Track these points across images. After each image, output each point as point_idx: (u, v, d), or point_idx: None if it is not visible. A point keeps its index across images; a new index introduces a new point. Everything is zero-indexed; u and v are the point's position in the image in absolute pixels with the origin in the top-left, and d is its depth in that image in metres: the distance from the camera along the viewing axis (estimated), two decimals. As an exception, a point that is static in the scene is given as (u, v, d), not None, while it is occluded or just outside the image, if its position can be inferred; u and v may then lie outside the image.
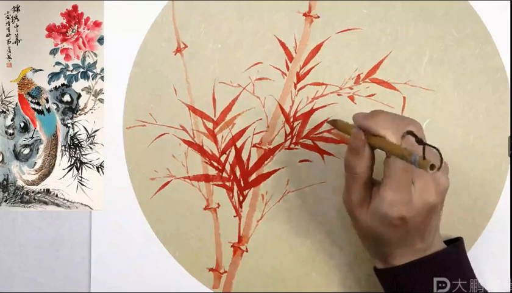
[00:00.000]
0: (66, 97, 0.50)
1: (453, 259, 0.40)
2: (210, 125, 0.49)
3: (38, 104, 0.50)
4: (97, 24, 0.50)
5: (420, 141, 0.35)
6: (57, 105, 0.50)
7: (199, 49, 0.49)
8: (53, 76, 0.50)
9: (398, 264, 0.40)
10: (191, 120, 0.50)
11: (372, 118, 0.38)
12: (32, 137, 0.51)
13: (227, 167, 0.49)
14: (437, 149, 0.33)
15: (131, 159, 0.50)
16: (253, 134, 0.49)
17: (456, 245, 0.42)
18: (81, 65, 0.50)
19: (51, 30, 0.50)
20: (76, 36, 0.50)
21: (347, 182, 0.41)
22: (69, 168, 0.50)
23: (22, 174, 0.51)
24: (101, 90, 0.50)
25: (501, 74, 0.48)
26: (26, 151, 0.51)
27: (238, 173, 0.49)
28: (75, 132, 0.50)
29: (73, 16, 0.50)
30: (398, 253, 0.40)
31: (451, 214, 0.48)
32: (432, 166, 0.31)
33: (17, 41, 0.50)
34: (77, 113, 0.50)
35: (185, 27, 0.49)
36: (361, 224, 0.40)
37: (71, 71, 0.50)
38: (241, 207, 0.49)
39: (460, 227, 0.48)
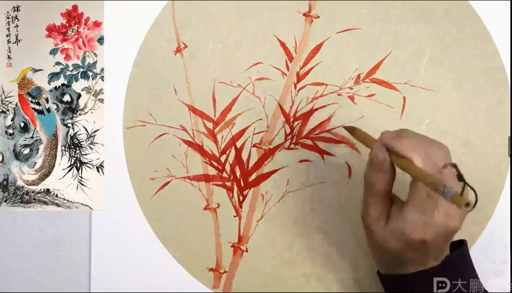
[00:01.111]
0: (66, 97, 0.50)
1: (460, 264, 0.40)
2: (210, 125, 0.49)
3: (38, 104, 0.50)
4: (97, 24, 0.50)
5: (460, 178, 0.35)
6: (57, 105, 0.50)
7: (199, 49, 0.49)
8: (53, 76, 0.50)
9: (407, 272, 0.40)
10: (191, 120, 0.50)
11: (399, 138, 0.38)
12: (32, 137, 0.51)
13: (227, 167, 0.49)
14: (473, 190, 0.33)
15: (131, 159, 0.50)
16: (253, 134, 0.49)
17: (461, 250, 0.42)
18: (81, 65, 0.50)
19: (51, 30, 0.50)
20: (76, 36, 0.50)
21: (366, 196, 0.40)
22: (69, 168, 0.50)
23: (22, 174, 0.51)
24: (101, 90, 0.50)
25: (501, 74, 0.48)
26: (26, 151, 0.51)
27: (238, 173, 0.49)
28: (75, 132, 0.50)
29: (73, 16, 0.50)
30: (409, 267, 0.39)
31: (451, 214, 0.48)
32: (467, 205, 0.30)
33: (17, 41, 0.50)
34: (77, 113, 0.50)
35: (185, 27, 0.49)
36: (376, 239, 0.40)
37: (71, 71, 0.50)
38: (241, 207, 0.49)
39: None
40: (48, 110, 0.50)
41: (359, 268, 0.49)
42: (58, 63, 0.50)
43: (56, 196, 0.50)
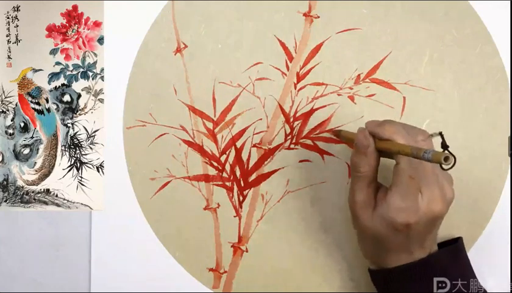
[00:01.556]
0: (66, 97, 0.50)
1: (445, 261, 0.41)
2: (210, 125, 0.49)
3: (38, 104, 0.50)
4: (97, 24, 0.50)
5: (444, 145, 0.36)
6: (57, 105, 0.50)
7: (199, 49, 0.49)
8: (53, 76, 0.50)
9: (392, 266, 0.40)
10: (191, 120, 0.50)
11: (382, 125, 0.39)
12: (32, 137, 0.51)
13: (227, 167, 0.49)
14: (454, 157, 0.33)
15: (131, 159, 0.50)
16: (253, 134, 0.49)
17: (449, 248, 0.42)
18: (81, 65, 0.50)
19: (51, 30, 0.50)
20: (76, 36, 0.50)
21: (352, 182, 0.42)
22: (69, 168, 0.50)
23: (22, 174, 0.51)
24: (101, 90, 0.50)
25: (501, 74, 0.48)
26: (26, 151, 0.51)
27: (238, 173, 0.49)
28: (75, 132, 0.50)
29: (73, 16, 0.50)
30: (394, 256, 0.40)
31: (451, 214, 0.48)
32: (446, 158, 0.31)
33: (17, 41, 0.50)
34: (77, 113, 0.50)
35: (185, 27, 0.49)
36: (362, 224, 0.41)
37: (71, 71, 0.50)
38: (241, 207, 0.49)
39: (460, 227, 0.48)
40: (48, 110, 0.50)
41: (359, 268, 0.48)
42: (58, 63, 0.50)
43: (56, 196, 0.50)
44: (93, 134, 0.50)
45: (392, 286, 0.41)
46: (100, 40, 0.50)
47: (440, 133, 0.38)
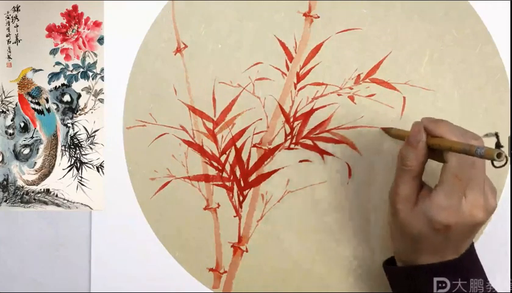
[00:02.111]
0: (66, 97, 0.50)
1: (468, 264, 0.41)
2: (210, 125, 0.49)
3: (38, 104, 0.50)
4: (97, 24, 0.50)
5: (499, 145, 0.38)
6: (57, 105, 0.50)
7: (199, 49, 0.49)
8: (53, 76, 0.50)
9: (422, 263, 0.40)
10: (191, 120, 0.50)
11: (437, 122, 0.40)
12: (32, 137, 0.51)
13: (227, 167, 0.49)
14: (507, 156, 0.34)
15: (131, 159, 0.50)
16: (253, 134, 0.49)
17: (470, 251, 0.42)
18: (81, 65, 0.50)
19: (51, 30, 0.50)
20: (76, 36, 0.50)
21: (397, 175, 0.41)
22: (69, 168, 0.50)
23: (22, 174, 0.51)
24: (101, 90, 0.50)
25: (501, 74, 0.48)
26: (26, 151, 0.51)
27: (238, 173, 0.49)
28: (75, 132, 0.50)
29: (73, 16, 0.50)
30: (426, 255, 0.40)
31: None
32: (499, 155, 0.31)
33: (17, 41, 0.50)
34: (77, 113, 0.50)
35: (185, 27, 0.49)
36: (401, 218, 0.40)
37: (71, 71, 0.50)
38: (241, 207, 0.49)
39: (460, 227, 0.48)
40: (48, 110, 0.50)
41: (359, 268, 0.49)
42: (58, 63, 0.50)
43: (56, 196, 0.50)
44: (93, 134, 0.50)
45: (416, 284, 0.40)
46: (100, 40, 0.50)
47: (496, 134, 0.38)
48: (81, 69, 0.50)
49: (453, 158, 0.38)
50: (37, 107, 0.50)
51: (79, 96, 0.50)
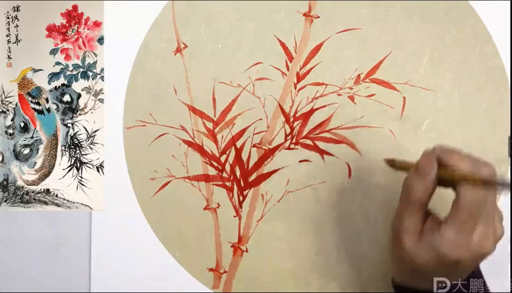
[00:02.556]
0: (66, 97, 0.50)
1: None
2: (210, 125, 0.49)
3: (38, 104, 0.50)
4: (97, 24, 0.50)
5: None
6: (57, 105, 0.50)
7: (199, 49, 0.49)
8: (53, 76, 0.50)
9: (425, 288, 0.39)
10: (191, 120, 0.50)
11: (450, 152, 0.38)
12: (32, 137, 0.51)
13: (227, 167, 0.49)
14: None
15: (131, 159, 0.50)
16: (253, 134, 0.49)
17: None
18: (81, 65, 0.50)
19: (51, 30, 0.50)
20: (76, 36, 0.50)
21: (402, 206, 0.39)
22: (69, 168, 0.50)
23: (22, 174, 0.51)
24: (101, 90, 0.50)
25: (501, 74, 0.48)
26: (26, 151, 0.51)
27: (238, 173, 0.49)
28: (75, 132, 0.50)
29: (73, 16, 0.50)
30: (431, 281, 0.39)
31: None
32: None
33: (17, 41, 0.50)
34: (77, 113, 0.50)
35: (185, 27, 0.49)
36: (406, 250, 0.39)
37: (71, 71, 0.50)
38: (241, 207, 0.49)
39: (460, 227, 0.48)
40: (48, 110, 0.50)
41: (359, 269, 0.49)
42: (58, 63, 0.50)
43: (56, 196, 0.50)
44: (93, 134, 0.50)
45: None
46: (100, 40, 0.50)
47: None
48: (81, 69, 0.50)
49: (467, 193, 0.36)
50: (37, 107, 0.50)
51: (79, 96, 0.50)
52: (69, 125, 0.50)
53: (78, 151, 0.50)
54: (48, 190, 0.50)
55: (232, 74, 0.49)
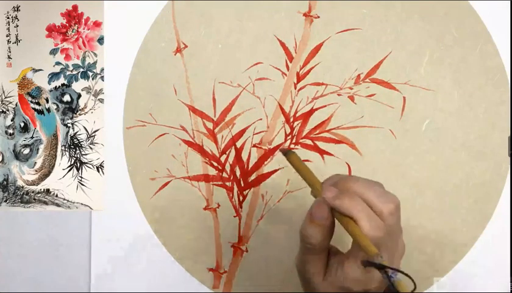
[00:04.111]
0: (66, 97, 0.50)
1: None
2: (210, 125, 0.49)
3: (38, 104, 0.50)
4: (97, 24, 0.50)
5: (382, 267, 0.32)
6: (57, 105, 0.50)
7: (199, 49, 0.49)
8: (53, 76, 0.50)
9: None
10: (191, 120, 0.50)
11: (342, 198, 0.36)
12: (32, 137, 0.51)
13: (227, 167, 0.49)
14: (408, 276, 0.32)
15: (131, 159, 0.50)
16: (253, 134, 0.49)
17: None
18: (81, 65, 0.50)
19: (51, 30, 0.50)
20: (76, 36, 0.50)
21: (303, 251, 0.38)
22: (69, 168, 0.50)
23: (22, 174, 0.51)
24: (101, 90, 0.50)
25: (501, 74, 0.48)
26: (26, 151, 0.51)
27: (238, 173, 0.49)
28: (75, 132, 0.50)
29: (73, 16, 0.50)
30: None
31: (451, 214, 0.48)
32: None
33: (17, 41, 0.50)
34: (77, 113, 0.50)
35: (185, 27, 0.49)
36: (312, 288, 0.38)
37: (71, 71, 0.50)
38: (241, 207, 0.49)
39: (460, 228, 0.48)
40: (48, 110, 0.50)
41: (359, 268, 0.48)
42: (58, 63, 0.50)
43: (56, 196, 0.50)
44: (93, 134, 0.50)
45: None
46: (100, 40, 0.50)
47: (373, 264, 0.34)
48: (81, 69, 0.50)
49: (363, 228, 0.34)
50: (37, 107, 0.50)
51: (79, 96, 0.50)
52: (69, 125, 0.50)
53: (78, 151, 0.50)
54: (48, 190, 0.50)
55: (232, 74, 0.49)
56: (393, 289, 0.31)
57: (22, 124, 0.51)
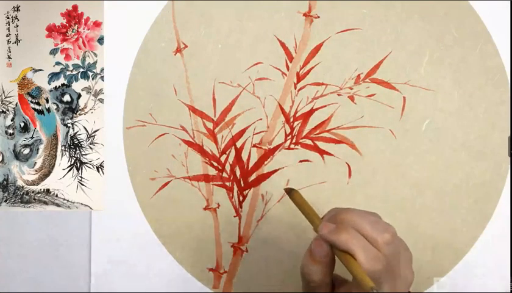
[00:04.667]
0: (66, 97, 0.50)
1: None
2: (210, 125, 0.49)
3: (38, 104, 0.50)
4: (97, 24, 0.50)
5: None
6: (57, 105, 0.50)
7: (199, 49, 0.49)
8: (53, 76, 0.50)
9: None
10: (191, 120, 0.50)
11: (338, 232, 0.36)
12: (32, 137, 0.51)
13: (227, 167, 0.49)
14: None
15: (131, 159, 0.50)
16: (253, 134, 0.49)
17: None
18: (81, 65, 0.50)
19: (51, 30, 0.50)
20: (76, 36, 0.50)
21: (304, 289, 0.38)
22: (69, 168, 0.50)
23: (22, 174, 0.51)
24: (101, 90, 0.50)
25: (501, 74, 0.48)
26: (26, 151, 0.51)
27: (238, 173, 0.49)
28: (75, 132, 0.50)
29: (73, 16, 0.50)
30: None
31: (451, 214, 0.48)
32: None
33: (17, 41, 0.50)
34: (77, 113, 0.50)
35: (185, 27, 0.49)
36: None
37: (71, 71, 0.50)
38: (241, 207, 0.49)
39: (460, 228, 0.48)
40: (48, 110, 0.50)
41: (359, 268, 0.48)
42: (58, 63, 0.50)
43: (56, 196, 0.50)
44: (93, 134, 0.50)
45: None
46: (100, 40, 0.50)
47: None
48: (81, 69, 0.50)
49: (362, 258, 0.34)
50: (37, 107, 0.50)
51: (79, 96, 0.50)
52: (69, 125, 0.50)
53: (78, 151, 0.50)
54: (48, 190, 0.50)
55: (232, 74, 0.49)
56: None
57: (22, 124, 0.51)
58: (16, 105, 0.51)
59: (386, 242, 0.35)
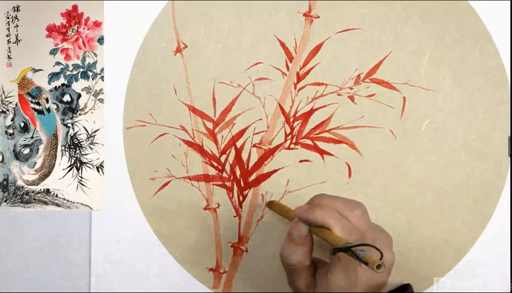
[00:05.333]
0: (66, 97, 0.50)
1: None
2: (210, 125, 0.50)
3: (38, 104, 0.50)
4: (97, 24, 0.50)
5: (348, 249, 0.34)
6: (57, 105, 0.50)
7: (199, 49, 0.49)
8: (53, 76, 0.50)
9: None
10: (191, 120, 0.50)
11: (312, 210, 0.38)
12: (32, 137, 0.51)
13: (227, 167, 0.49)
14: (377, 249, 0.33)
15: (131, 159, 0.50)
16: (253, 134, 0.49)
17: None
18: (81, 65, 0.50)
19: (51, 30, 0.50)
20: (76, 36, 0.50)
21: (287, 272, 0.40)
22: (69, 168, 0.50)
23: (22, 174, 0.51)
24: (101, 90, 0.50)
25: (501, 74, 0.48)
26: (26, 151, 0.51)
27: (238, 173, 0.49)
28: (75, 132, 0.50)
29: (73, 16, 0.50)
30: None
31: (451, 214, 0.48)
32: (379, 266, 0.31)
33: (17, 41, 0.50)
34: (77, 113, 0.50)
35: (185, 27, 0.49)
36: None
37: (71, 71, 0.50)
38: (241, 207, 0.49)
39: (460, 228, 0.48)
40: (48, 110, 0.50)
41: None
42: (58, 63, 0.50)
43: (56, 196, 0.50)
44: (93, 134, 0.50)
45: None
46: (100, 40, 0.50)
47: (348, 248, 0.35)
48: (81, 69, 0.50)
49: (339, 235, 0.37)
50: (37, 107, 0.50)
51: (79, 96, 0.50)
52: (69, 125, 0.50)
53: (78, 151, 0.50)
54: (48, 190, 0.50)
55: (232, 74, 0.49)
56: (364, 263, 0.32)
57: (22, 124, 0.51)
58: (16, 105, 0.51)
59: (357, 217, 0.38)
